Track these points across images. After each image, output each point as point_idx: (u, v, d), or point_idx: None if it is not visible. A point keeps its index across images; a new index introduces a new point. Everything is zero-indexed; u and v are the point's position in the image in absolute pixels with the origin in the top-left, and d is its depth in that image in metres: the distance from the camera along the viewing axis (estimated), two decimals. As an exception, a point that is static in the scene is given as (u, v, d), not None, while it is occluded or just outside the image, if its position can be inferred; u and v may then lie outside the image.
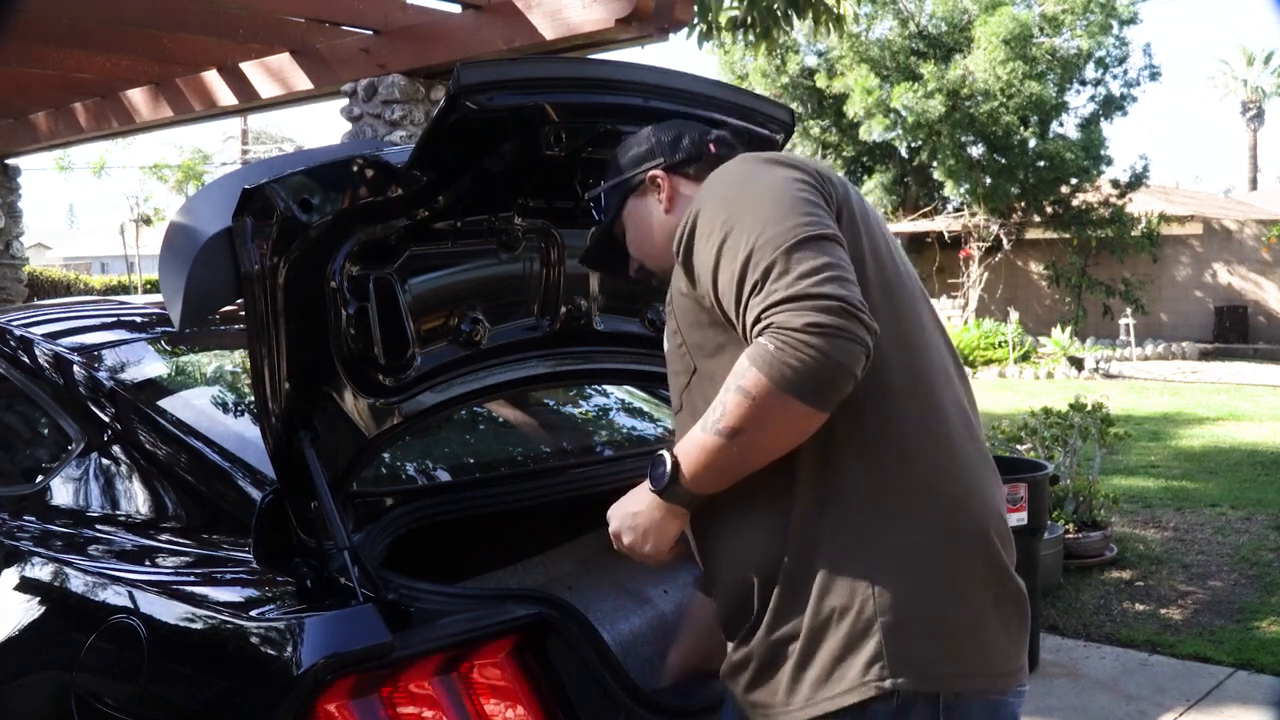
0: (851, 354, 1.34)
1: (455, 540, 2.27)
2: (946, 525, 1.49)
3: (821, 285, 1.35)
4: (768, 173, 1.51)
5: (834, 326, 1.33)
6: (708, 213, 1.50)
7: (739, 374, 1.38)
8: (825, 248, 1.40)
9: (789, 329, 1.33)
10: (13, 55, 6.80)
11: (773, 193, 1.46)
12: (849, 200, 1.56)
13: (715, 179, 1.57)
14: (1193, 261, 19.84)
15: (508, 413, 2.78)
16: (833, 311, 1.33)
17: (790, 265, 1.36)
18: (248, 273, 1.68)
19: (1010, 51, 16.00)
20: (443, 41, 5.92)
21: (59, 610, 2.02)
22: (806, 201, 1.45)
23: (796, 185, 1.48)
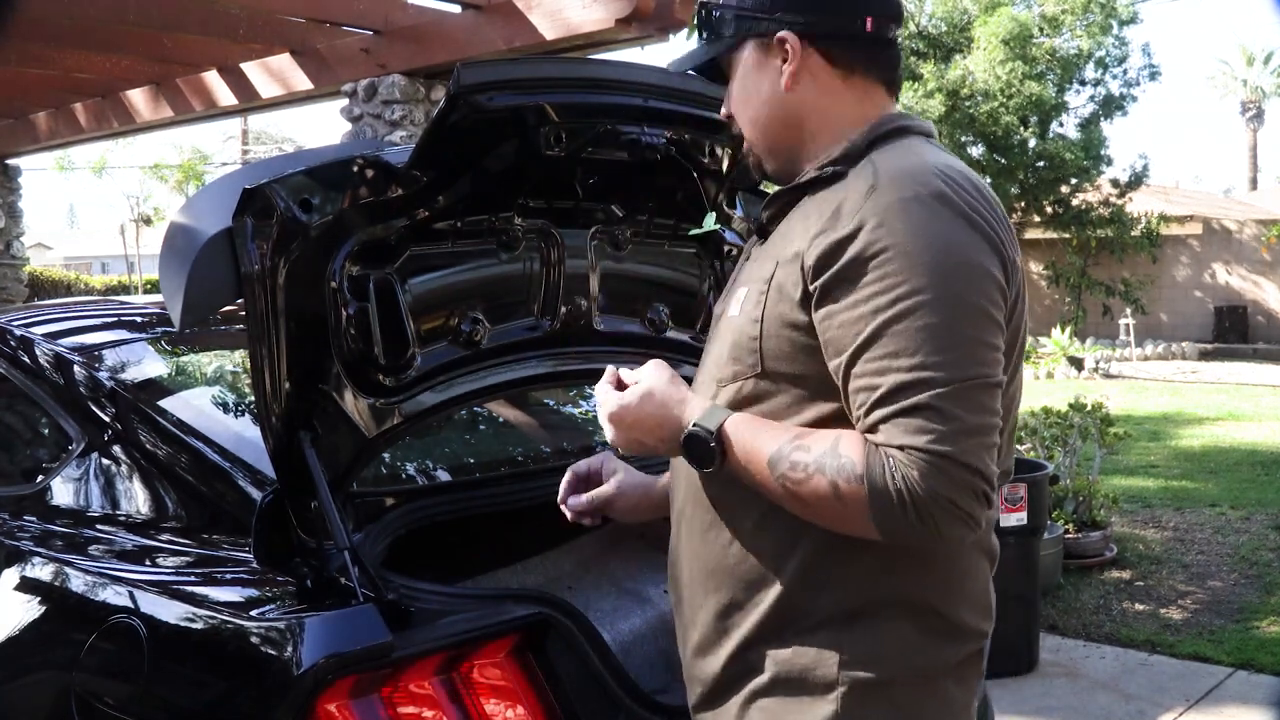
0: (961, 537, 1.28)
1: (455, 540, 2.27)
2: None
3: (976, 456, 1.23)
4: (970, 259, 1.28)
5: (965, 511, 1.24)
6: (892, 262, 1.26)
7: (844, 470, 1.26)
8: (993, 400, 1.27)
9: (925, 490, 1.22)
10: (13, 55, 6.80)
11: (969, 297, 1.27)
12: (1019, 280, 1.37)
13: (909, 218, 1.28)
14: (1192, 261, 19.84)
15: (508, 413, 2.78)
16: (975, 494, 1.23)
17: (957, 413, 1.23)
18: (248, 273, 1.68)
19: (1010, 51, 16.00)
20: (443, 41, 5.92)
21: (59, 610, 2.02)
22: (995, 326, 1.29)
23: (993, 293, 1.29)
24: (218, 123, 28.32)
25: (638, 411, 1.45)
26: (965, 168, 1.38)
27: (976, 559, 1.45)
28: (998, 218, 1.34)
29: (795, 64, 1.42)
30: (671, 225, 2.24)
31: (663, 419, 1.43)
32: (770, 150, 1.49)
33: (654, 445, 1.46)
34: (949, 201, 1.30)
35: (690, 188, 2.09)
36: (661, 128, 1.95)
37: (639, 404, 1.45)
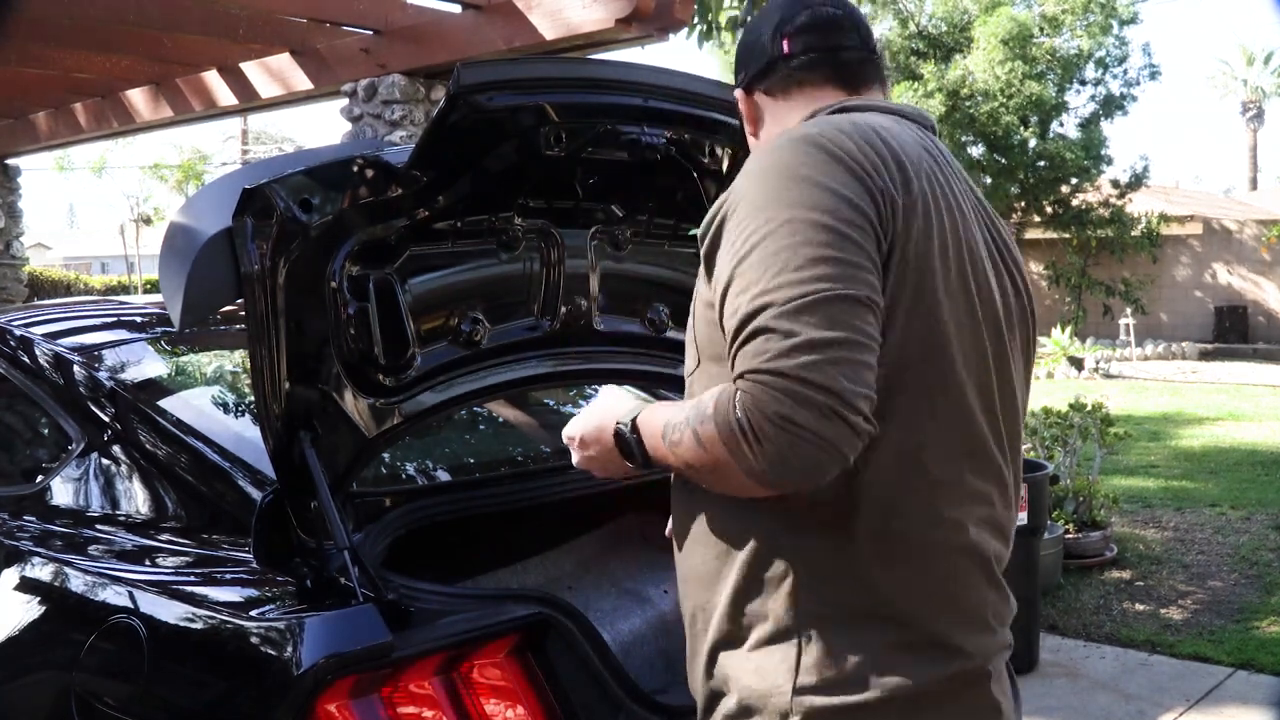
0: (818, 464, 1.17)
1: (455, 540, 2.27)
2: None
3: (815, 370, 1.14)
4: (816, 184, 1.25)
5: (808, 430, 1.14)
6: (740, 213, 1.28)
7: (701, 414, 1.23)
8: (850, 315, 1.18)
9: (760, 411, 1.16)
10: (13, 55, 6.80)
11: (809, 220, 1.22)
12: (915, 226, 1.29)
13: (759, 163, 1.32)
14: (1193, 261, 19.84)
15: (508, 413, 2.78)
16: (815, 408, 1.14)
17: (793, 328, 1.16)
18: (248, 273, 1.68)
19: (1010, 51, 16.00)
20: (443, 41, 5.92)
21: (59, 610, 2.02)
22: (851, 243, 1.22)
23: (850, 215, 1.23)
24: (218, 123, 28.35)
25: (585, 427, 1.50)
26: (866, 118, 1.36)
27: (955, 560, 1.33)
28: (879, 156, 1.30)
29: (747, 114, 1.53)
30: (671, 225, 2.24)
31: (602, 427, 1.46)
32: None
33: (604, 456, 1.47)
34: (806, 139, 1.30)
35: (690, 188, 2.09)
36: (661, 128, 1.95)
37: (586, 420, 1.51)
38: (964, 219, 1.38)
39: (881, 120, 1.38)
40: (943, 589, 1.32)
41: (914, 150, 1.35)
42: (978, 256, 1.37)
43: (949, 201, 1.36)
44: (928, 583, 1.31)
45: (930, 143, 1.43)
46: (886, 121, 1.38)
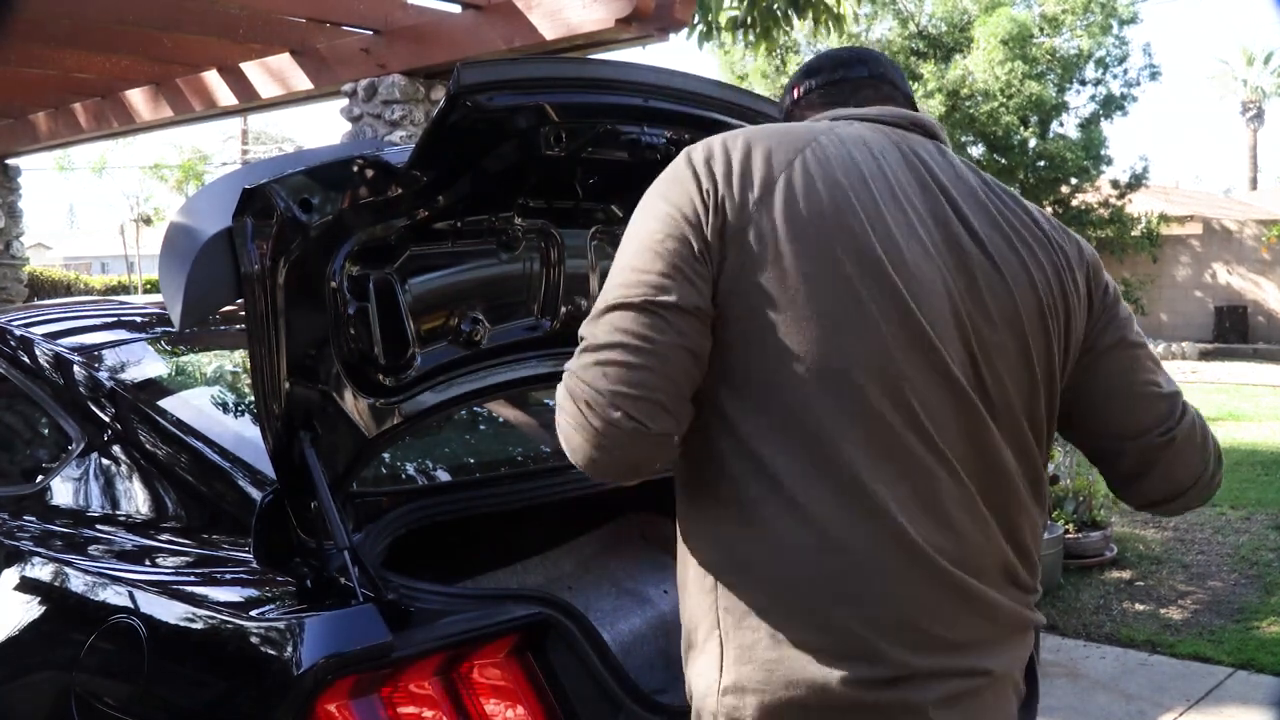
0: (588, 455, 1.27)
1: (455, 540, 2.27)
2: None
3: (591, 370, 1.26)
4: (653, 200, 1.36)
5: (574, 420, 1.26)
6: None
7: None
8: (629, 322, 1.25)
9: (558, 402, 1.31)
10: (13, 55, 6.80)
11: (636, 234, 1.33)
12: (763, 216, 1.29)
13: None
14: (1193, 261, 19.84)
15: (508, 413, 2.78)
16: (576, 401, 1.26)
17: (593, 329, 1.29)
18: (248, 273, 1.68)
19: (1010, 51, 16.00)
20: (443, 41, 5.92)
21: (59, 610, 2.02)
22: (653, 254, 1.28)
23: (665, 227, 1.30)
24: (218, 123, 28.36)
25: None
26: (785, 127, 1.42)
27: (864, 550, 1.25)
28: (739, 162, 1.32)
29: None
30: (671, 225, 2.24)
31: None
32: None
33: None
34: (675, 164, 1.38)
35: (690, 188, 2.08)
36: (661, 128, 1.95)
37: None
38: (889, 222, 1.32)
39: (797, 126, 1.43)
40: (845, 586, 1.25)
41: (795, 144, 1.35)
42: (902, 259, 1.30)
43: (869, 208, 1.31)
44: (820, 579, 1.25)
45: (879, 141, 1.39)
46: (806, 125, 1.43)
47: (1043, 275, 1.39)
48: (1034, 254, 1.41)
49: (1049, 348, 1.39)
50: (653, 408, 1.25)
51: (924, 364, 1.29)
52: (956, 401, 1.31)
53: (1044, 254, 1.42)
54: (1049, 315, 1.39)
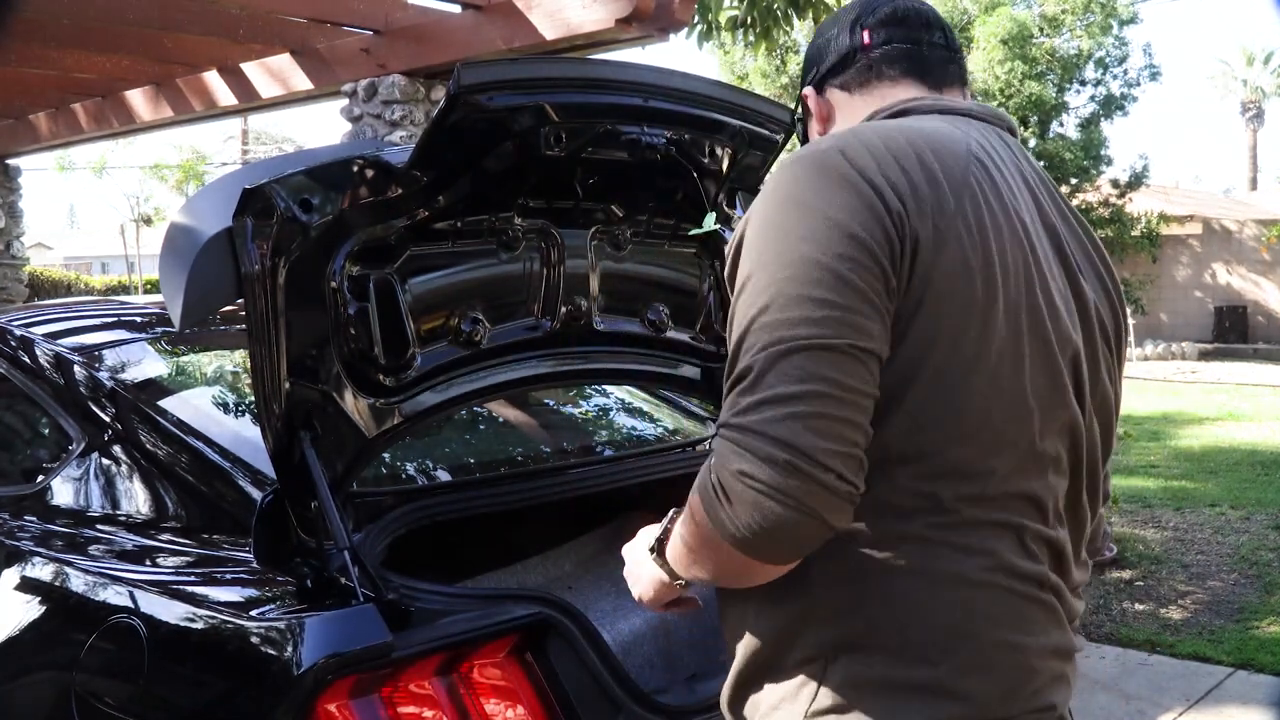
0: (786, 524, 1.07)
1: (455, 540, 2.27)
2: None
3: (783, 426, 1.07)
4: (816, 213, 1.15)
5: (770, 487, 1.06)
6: (750, 235, 1.19)
7: (694, 488, 1.15)
8: (825, 366, 1.09)
9: (725, 468, 1.09)
10: (13, 55, 6.80)
11: (805, 251, 1.13)
12: (952, 236, 1.17)
13: (771, 181, 1.23)
14: (1192, 261, 19.84)
15: (508, 413, 2.78)
16: (775, 464, 1.06)
17: (763, 380, 1.09)
18: (248, 273, 1.68)
19: (1009, 51, 16.01)
20: (443, 41, 5.92)
21: (59, 610, 2.02)
22: (840, 282, 1.11)
23: (844, 247, 1.12)
24: (218, 123, 28.33)
25: (628, 572, 1.41)
26: (910, 125, 1.27)
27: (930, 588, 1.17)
28: (904, 171, 1.18)
29: (816, 112, 1.45)
30: (671, 225, 2.24)
31: (639, 560, 1.38)
32: None
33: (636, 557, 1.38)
34: (816, 157, 1.20)
35: (690, 188, 2.09)
36: (661, 128, 1.95)
37: (626, 566, 1.42)
38: (1024, 233, 1.25)
39: (935, 125, 1.28)
40: (915, 623, 1.18)
41: (960, 162, 1.23)
42: (1039, 273, 1.25)
43: (1001, 218, 1.23)
44: (896, 616, 1.18)
45: (996, 148, 1.31)
46: (941, 126, 1.28)
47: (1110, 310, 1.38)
48: (1107, 284, 1.40)
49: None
50: (859, 467, 1.11)
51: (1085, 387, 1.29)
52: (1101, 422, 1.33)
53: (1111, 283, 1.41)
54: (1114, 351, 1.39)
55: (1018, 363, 1.20)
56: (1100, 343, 1.33)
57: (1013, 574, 1.20)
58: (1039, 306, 1.23)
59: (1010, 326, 1.20)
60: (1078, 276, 1.32)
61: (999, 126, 1.37)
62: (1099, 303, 1.34)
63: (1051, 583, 1.24)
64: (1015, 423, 1.20)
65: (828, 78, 1.43)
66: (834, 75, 1.42)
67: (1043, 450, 1.23)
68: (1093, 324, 1.32)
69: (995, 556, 1.19)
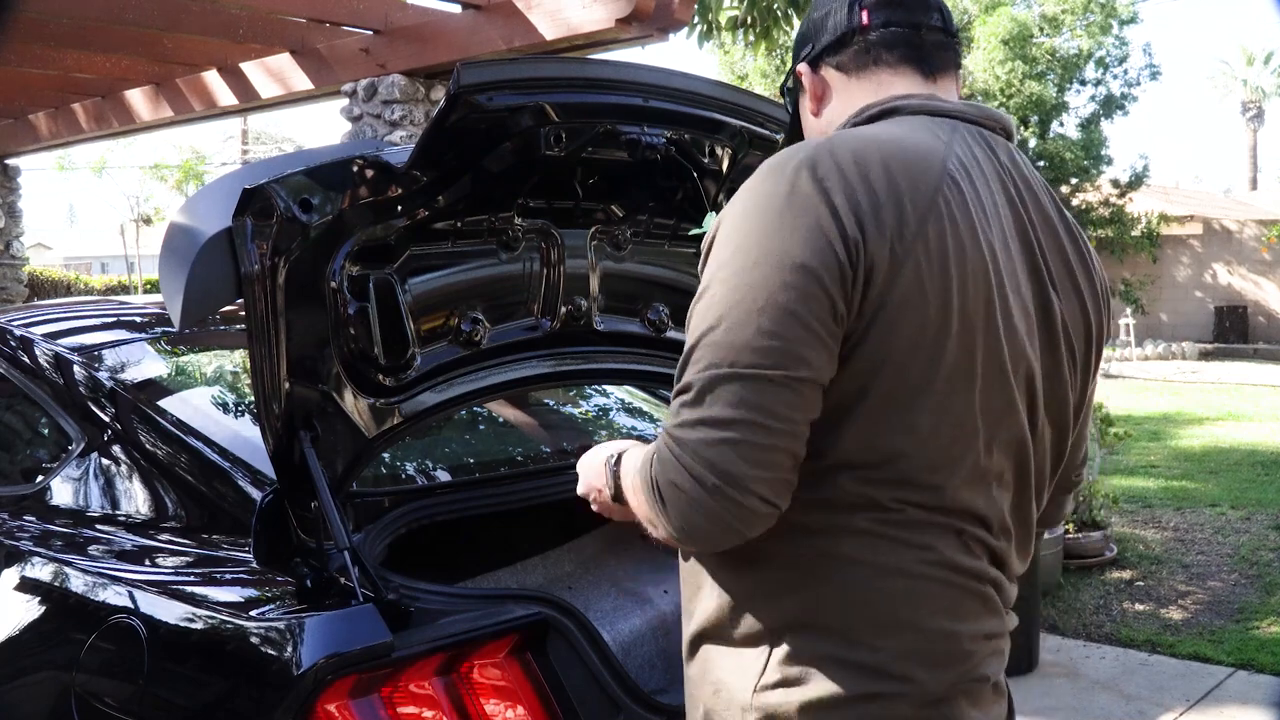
0: (708, 534, 1.19)
1: (455, 540, 2.27)
2: None
3: (717, 450, 1.14)
4: (774, 234, 1.18)
5: (697, 502, 1.16)
6: (718, 241, 1.25)
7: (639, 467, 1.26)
8: (759, 395, 1.15)
9: (663, 475, 1.19)
10: (13, 55, 6.80)
11: (756, 277, 1.17)
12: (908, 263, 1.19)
13: (744, 189, 1.24)
14: (1193, 261, 19.84)
15: (508, 413, 2.78)
16: (702, 484, 1.15)
17: (704, 399, 1.16)
18: (248, 273, 1.68)
19: (1010, 51, 16.01)
20: (443, 41, 5.92)
21: (59, 610, 2.02)
22: (787, 315, 1.15)
23: (795, 278, 1.16)
24: (218, 123, 28.33)
25: (585, 461, 1.53)
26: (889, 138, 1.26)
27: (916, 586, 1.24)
28: (870, 192, 1.19)
29: (810, 90, 1.44)
30: (671, 225, 2.24)
31: (593, 465, 1.49)
32: None
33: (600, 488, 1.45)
34: (784, 168, 1.21)
35: (690, 188, 2.09)
36: (661, 128, 1.95)
37: (587, 455, 1.53)
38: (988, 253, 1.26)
39: (918, 137, 1.28)
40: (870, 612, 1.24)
41: (931, 182, 1.23)
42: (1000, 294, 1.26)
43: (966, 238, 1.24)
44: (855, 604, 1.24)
45: (978, 158, 1.32)
46: (924, 137, 1.29)
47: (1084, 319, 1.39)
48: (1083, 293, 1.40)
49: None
50: (785, 488, 1.18)
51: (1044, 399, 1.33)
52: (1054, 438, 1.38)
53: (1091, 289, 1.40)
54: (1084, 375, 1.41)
55: (969, 384, 1.24)
56: (1065, 354, 1.35)
57: (952, 568, 1.26)
58: (996, 328, 1.25)
59: (963, 349, 1.22)
60: (1048, 289, 1.33)
61: (992, 129, 1.37)
62: (1069, 313, 1.35)
63: (990, 576, 1.30)
64: (961, 442, 1.24)
65: (824, 55, 1.42)
66: (831, 54, 1.41)
67: (987, 467, 1.27)
68: (1057, 337, 1.34)
69: (935, 551, 1.25)
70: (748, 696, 1.26)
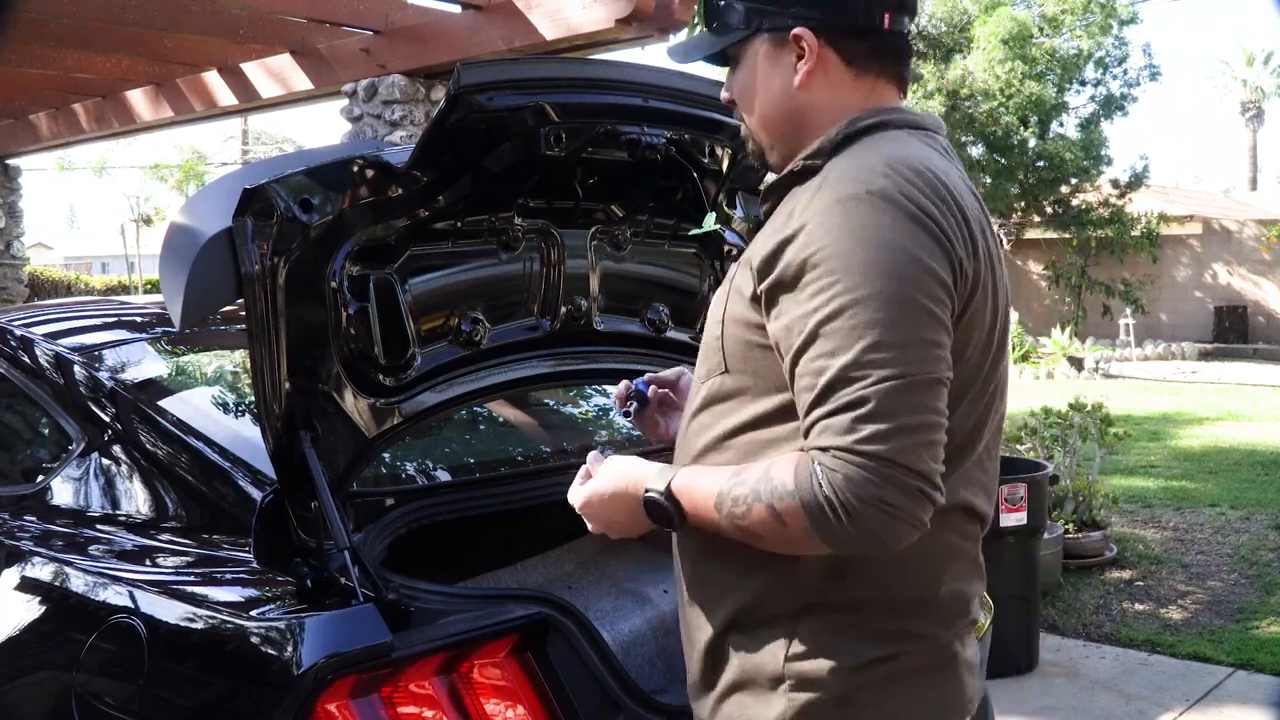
0: (904, 537, 1.24)
1: (455, 540, 2.27)
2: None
3: (914, 455, 1.20)
4: (910, 255, 1.24)
5: (905, 512, 1.21)
6: (827, 263, 1.25)
7: (777, 491, 1.25)
8: (934, 398, 1.23)
9: (858, 495, 1.19)
10: (13, 55, 6.80)
11: (906, 292, 1.23)
12: (980, 279, 1.32)
13: (847, 218, 1.26)
14: (1192, 261, 19.84)
15: (508, 413, 2.78)
16: (911, 494, 1.20)
17: (891, 410, 1.20)
18: (248, 273, 1.68)
19: (1009, 52, 16.01)
20: (443, 41, 5.92)
21: (59, 610, 2.02)
22: (936, 322, 1.25)
23: (934, 290, 1.25)
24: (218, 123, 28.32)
25: (602, 493, 1.47)
26: (930, 163, 1.33)
27: (934, 560, 1.37)
28: (952, 214, 1.29)
29: (813, 63, 1.39)
30: (671, 225, 2.25)
31: (623, 493, 1.44)
32: (774, 143, 1.46)
33: (626, 522, 1.46)
34: (889, 197, 1.26)
35: (690, 188, 2.09)
36: (661, 128, 1.95)
37: (601, 486, 1.47)
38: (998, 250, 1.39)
39: (938, 161, 1.35)
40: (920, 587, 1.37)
41: (971, 201, 1.35)
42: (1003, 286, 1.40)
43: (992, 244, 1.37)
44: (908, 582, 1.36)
45: (957, 168, 1.39)
46: (936, 158, 1.35)
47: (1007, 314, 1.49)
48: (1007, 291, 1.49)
49: None
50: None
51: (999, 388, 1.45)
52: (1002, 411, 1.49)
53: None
54: None
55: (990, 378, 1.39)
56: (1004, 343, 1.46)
57: (965, 536, 1.42)
58: (1007, 325, 1.41)
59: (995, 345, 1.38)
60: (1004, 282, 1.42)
61: (942, 136, 1.43)
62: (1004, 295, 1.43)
63: (979, 543, 1.47)
64: (979, 430, 1.40)
65: (833, 35, 1.39)
66: (842, 38, 1.39)
67: (989, 452, 1.44)
68: (1007, 328, 1.44)
69: (954, 529, 1.39)
70: (779, 666, 1.35)
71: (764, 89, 1.43)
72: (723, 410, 1.40)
